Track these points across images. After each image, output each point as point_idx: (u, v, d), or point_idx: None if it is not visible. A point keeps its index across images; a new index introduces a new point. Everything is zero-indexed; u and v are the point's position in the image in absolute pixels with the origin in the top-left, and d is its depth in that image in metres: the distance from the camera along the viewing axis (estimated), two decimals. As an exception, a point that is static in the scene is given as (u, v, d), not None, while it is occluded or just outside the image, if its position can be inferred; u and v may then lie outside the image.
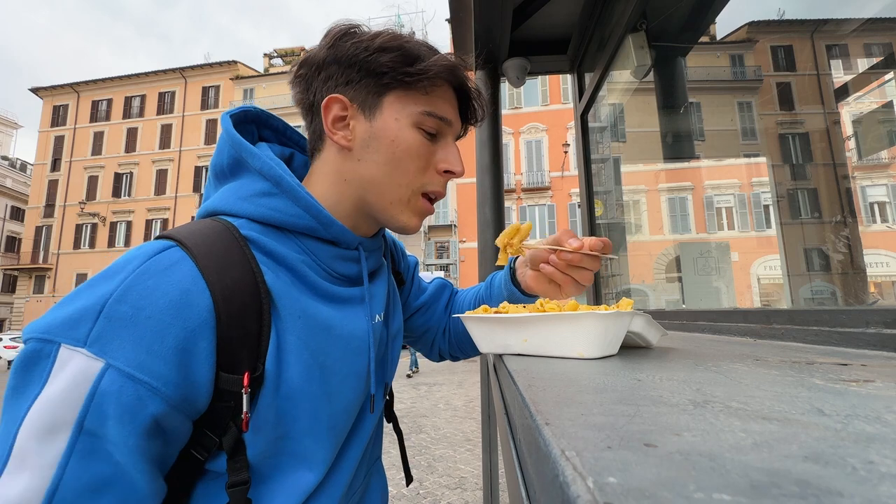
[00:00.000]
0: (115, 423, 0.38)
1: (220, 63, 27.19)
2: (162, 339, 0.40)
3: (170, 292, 0.41)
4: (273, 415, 0.46)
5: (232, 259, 0.45)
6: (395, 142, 0.53)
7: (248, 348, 0.44)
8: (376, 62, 0.52)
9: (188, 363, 0.41)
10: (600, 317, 0.46)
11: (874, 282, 1.61)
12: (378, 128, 0.53)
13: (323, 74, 0.54)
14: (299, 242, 0.52)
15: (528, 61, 2.24)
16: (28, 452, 0.36)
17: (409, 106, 0.54)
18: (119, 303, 0.39)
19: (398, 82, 0.53)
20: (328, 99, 0.53)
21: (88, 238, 26.48)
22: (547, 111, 21.01)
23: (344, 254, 0.56)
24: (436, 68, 0.53)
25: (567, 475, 0.16)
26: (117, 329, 0.38)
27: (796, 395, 0.28)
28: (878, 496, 0.13)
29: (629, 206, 3.27)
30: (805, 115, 1.84)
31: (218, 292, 0.43)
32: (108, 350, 0.38)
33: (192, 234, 0.46)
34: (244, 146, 0.53)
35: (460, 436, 5.04)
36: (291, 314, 0.48)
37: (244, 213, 0.51)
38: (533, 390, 0.31)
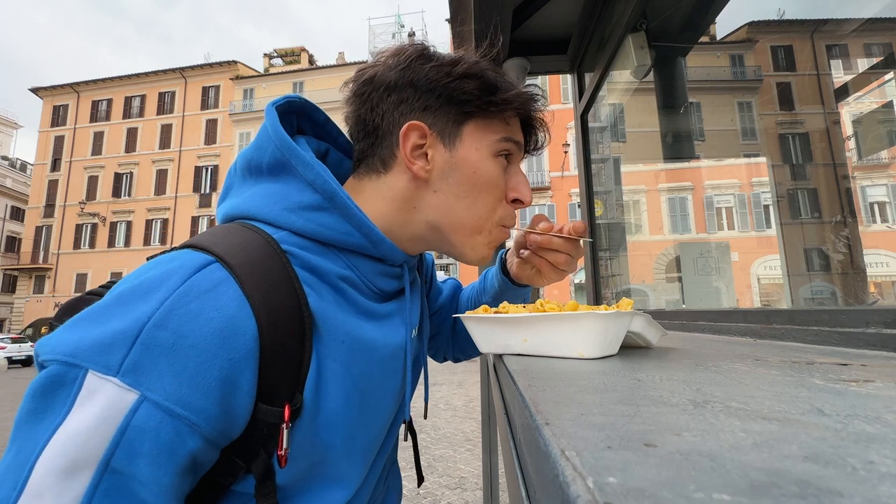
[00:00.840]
0: (147, 462, 0.34)
1: (220, 63, 27.19)
2: (206, 370, 0.36)
3: (214, 319, 0.37)
4: (309, 443, 0.44)
5: (275, 279, 0.42)
6: (477, 173, 0.52)
7: (288, 378, 0.41)
8: (460, 89, 0.50)
9: (230, 396, 0.38)
10: (600, 317, 0.46)
11: (874, 282, 1.61)
12: (459, 158, 0.51)
13: (394, 97, 0.51)
14: (344, 258, 0.49)
15: (528, 61, 2.24)
16: (45, 489, 0.32)
17: (488, 135, 0.52)
18: (158, 328, 0.35)
19: (480, 111, 0.51)
20: (408, 126, 0.50)
21: (88, 238, 26.48)
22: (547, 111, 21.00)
23: (388, 270, 0.54)
24: (520, 100, 0.52)
25: (567, 475, 0.16)
26: (156, 358, 0.35)
27: (796, 395, 0.28)
28: (878, 496, 0.13)
29: (629, 206, 3.27)
30: (805, 115, 1.84)
31: (263, 319, 0.39)
32: (145, 381, 0.34)
33: (233, 248, 0.42)
34: (294, 151, 0.48)
35: (460, 436, 5.04)
36: (335, 339, 0.45)
37: (288, 226, 0.47)
38: (533, 390, 0.31)
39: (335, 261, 0.48)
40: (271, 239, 0.45)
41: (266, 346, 0.39)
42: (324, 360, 0.44)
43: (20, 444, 0.34)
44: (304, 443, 0.43)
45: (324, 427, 0.44)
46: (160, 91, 27.81)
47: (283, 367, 0.41)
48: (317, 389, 0.44)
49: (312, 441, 0.44)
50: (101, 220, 26.33)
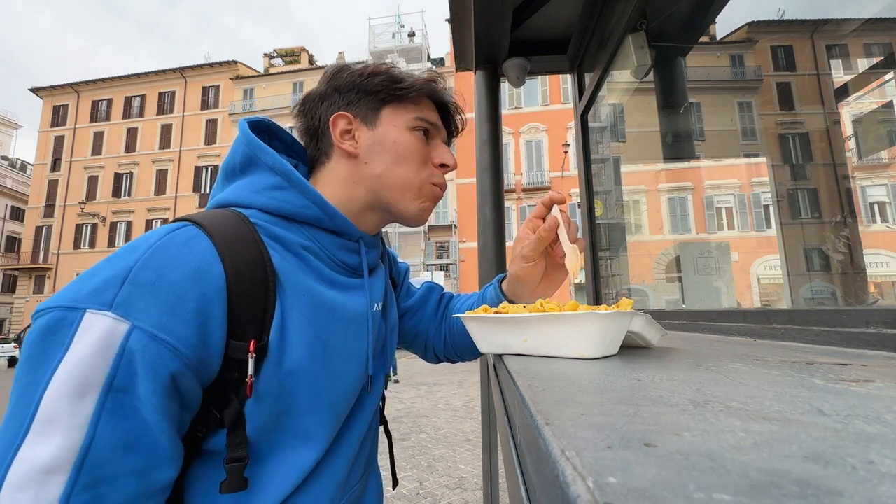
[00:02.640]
0: (142, 381, 0.40)
1: (220, 63, 27.18)
2: (183, 302, 0.43)
3: (189, 261, 0.45)
4: (275, 387, 0.49)
5: (242, 240, 0.50)
6: (397, 142, 0.62)
7: (255, 321, 0.48)
8: (371, 83, 0.62)
9: (205, 326, 0.44)
10: (600, 317, 0.46)
11: (874, 282, 1.61)
12: (380, 134, 0.62)
13: (325, 102, 0.63)
14: (305, 231, 0.57)
15: (528, 61, 2.24)
16: (57, 414, 0.37)
17: (402, 114, 0.63)
18: (143, 269, 0.42)
19: (392, 96, 0.62)
20: (335, 116, 0.62)
21: (88, 238, 26.48)
22: (547, 111, 21.01)
23: (346, 244, 0.62)
24: (420, 83, 0.63)
25: (567, 475, 0.16)
26: (142, 293, 0.41)
27: (796, 395, 0.28)
28: (878, 496, 0.13)
29: (629, 206, 3.27)
30: (805, 115, 1.84)
31: (230, 267, 0.47)
32: (133, 312, 0.41)
33: (207, 217, 0.51)
34: (260, 146, 0.58)
35: (460, 436, 5.04)
36: (296, 292, 0.52)
37: (255, 205, 0.55)
38: (533, 390, 0.31)
39: (297, 233, 0.56)
40: (242, 214, 0.53)
41: (232, 289, 0.46)
42: (287, 311, 0.51)
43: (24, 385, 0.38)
44: (270, 385, 0.49)
45: (288, 374, 0.50)
46: (160, 91, 27.80)
47: (248, 310, 0.47)
48: (281, 335, 0.50)
49: (278, 385, 0.49)
50: (101, 220, 26.32)
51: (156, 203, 26.22)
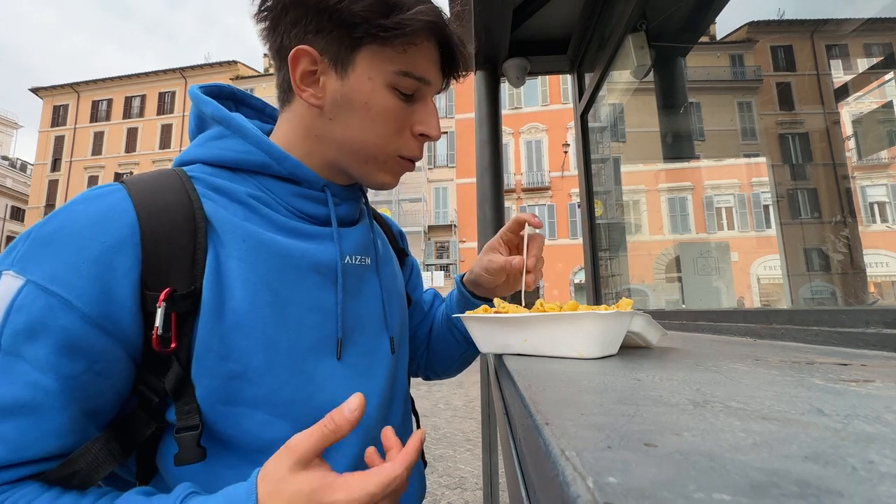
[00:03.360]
0: (27, 338, 0.37)
1: (221, 63, 27.19)
2: (78, 253, 0.40)
3: (92, 213, 0.42)
4: (217, 343, 0.43)
5: (166, 188, 0.46)
6: (369, 104, 0.50)
7: (179, 268, 0.43)
8: (348, 10, 0.47)
9: (106, 277, 0.40)
10: (600, 317, 0.46)
11: (874, 282, 1.61)
12: (350, 88, 0.50)
13: (290, 15, 0.49)
14: (255, 181, 0.52)
15: (528, 61, 2.24)
16: None
17: (384, 63, 0.49)
18: (45, 225, 0.41)
19: (373, 36, 0.48)
20: (296, 51, 0.49)
21: (88, 238, 26.49)
22: (547, 111, 21.01)
23: (307, 193, 0.54)
24: (415, 24, 0.47)
25: (567, 475, 0.16)
26: (39, 247, 0.40)
27: (796, 395, 0.28)
28: (878, 496, 0.13)
29: (629, 206, 3.27)
30: (805, 115, 1.84)
31: (143, 211, 0.43)
32: (29, 267, 0.39)
33: (136, 176, 0.47)
34: (204, 100, 0.53)
35: (460, 436, 5.04)
36: (234, 238, 0.46)
37: (197, 158, 0.51)
38: (533, 390, 0.31)
39: (245, 183, 0.51)
40: (179, 170, 0.49)
41: (146, 233, 0.42)
42: (225, 259, 0.45)
43: None
44: (211, 341, 0.43)
45: (234, 329, 0.44)
46: (160, 91, 27.81)
47: (169, 257, 0.43)
48: (217, 284, 0.44)
49: (221, 341, 0.44)
50: (101, 220, 26.34)
51: (156, 203, 26.23)
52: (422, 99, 0.54)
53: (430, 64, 0.52)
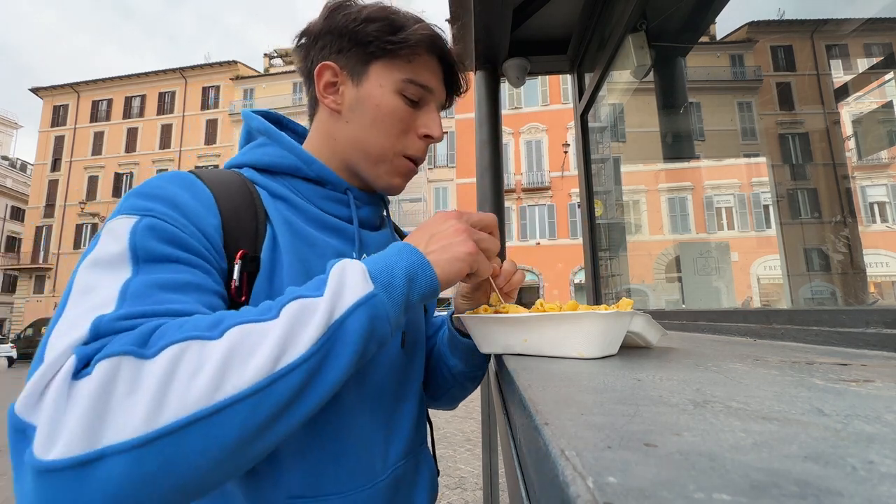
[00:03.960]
0: (166, 244, 0.42)
1: (221, 63, 27.19)
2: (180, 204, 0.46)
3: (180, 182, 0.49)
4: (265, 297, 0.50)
5: (231, 180, 0.54)
6: (379, 106, 0.58)
7: (247, 237, 0.51)
8: (363, 32, 0.57)
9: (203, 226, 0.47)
10: (600, 317, 0.46)
11: (874, 282, 1.61)
12: (364, 93, 0.58)
13: (319, 44, 0.60)
14: (287, 182, 0.59)
15: (528, 61, 2.24)
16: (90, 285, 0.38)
17: (392, 73, 0.58)
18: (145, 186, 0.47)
19: (383, 51, 0.57)
20: (320, 66, 0.59)
21: (88, 238, 26.46)
22: (547, 111, 21.01)
23: (332, 195, 0.61)
24: (416, 37, 0.57)
25: (567, 475, 0.16)
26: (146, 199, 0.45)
27: (796, 395, 0.28)
28: (878, 496, 0.13)
29: (629, 206, 3.27)
30: (805, 115, 1.84)
31: (217, 193, 0.51)
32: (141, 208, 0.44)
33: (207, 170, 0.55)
34: (250, 116, 0.63)
35: (460, 436, 5.04)
36: (280, 223, 0.54)
37: (245, 162, 0.60)
38: (533, 390, 0.31)
39: (282, 184, 0.59)
40: (237, 172, 0.57)
41: (221, 207, 0.50)
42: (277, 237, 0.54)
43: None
44: (262, 295, 0.50)
45: (277, 290, 0.51)
46: (160, 91, 27.80)
47: (240, 228, 0.51)
48: (272, 253, 0.53)
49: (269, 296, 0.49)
50: (101, 220, 26.30)
51: (156, 203, 26.20)
52: (426, 106, 0.61)
53: (433, 75, 0.61)
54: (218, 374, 0.32)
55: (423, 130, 0.61)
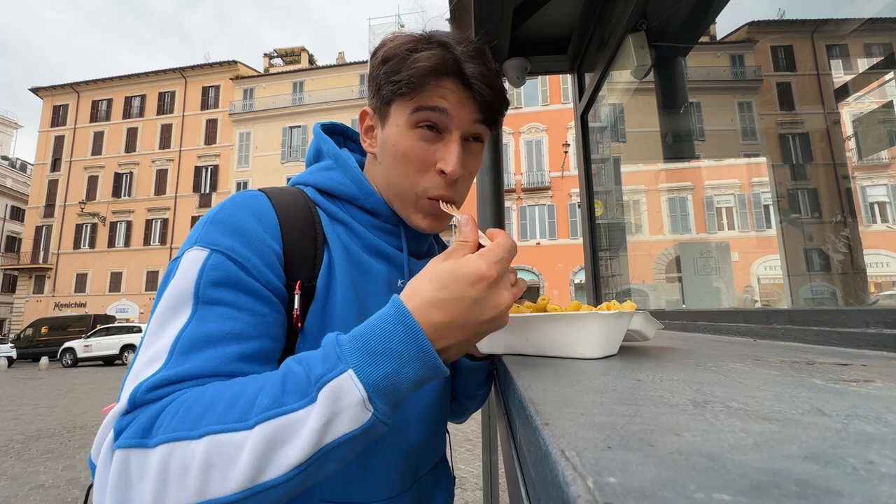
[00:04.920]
0: (224, 287, 0.47)
1: (221, 63, 27.18)
2: (248, 235, 0.50)
3: (252, 208, 0.53)
4: (317, 327, 0.53)
5: (296, 205, 0.57)
6: (396, 145, 0.57)
7: (305, 265, 0.54)
8: (379, 75, 0.58)
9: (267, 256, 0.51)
10: (603, 317, 0.46)
11: (874, 282, 1.61)
12: (386, 134, 0.59)
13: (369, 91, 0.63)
14: (345, 208, 0.62)
15: (528, 61, 2.24)
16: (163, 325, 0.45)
17: (404, 109, 0.56)
18: (218, 213, 0.52)
19: (393, 91, 0.56)
20: (361, 112, 0.64)
21: (88, 238, 26.47)
22: (547, 111, 21.01)
23: (384, 226, 0.63)
24: (413, 69, 0.54)
25: (567, 475, 0.16)
26: (217, 229, 0.50)
27: (796, 395, 0.28)
28: (878, 496, 0.13)
29: (629, 206, 3.26)
30: (805, 115, 1.84)
31: (283, 218, 0.54)
32: (212, 242, 0.49)
33: (273, 188, 0.59)
34: (323, 137, 0.67)
35: (460, 436, 5.04)
36: (338, 248, 0.57)
37: (311, 183, 0.63)
38: (533, 390, 0.31)
39: (341, 208, 0.62)
40: (302, 191, 0.61)
41: (285, 234, 0.53)
42: (333, 263, 0.56)
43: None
44: (314, 324, 0.53)
45: (329, 317, 0.54)
46: (160, 91, 27.79)
47: (299, 255, 0.54)
48: (328, 281, 0.55)
49: (319, 326, 0.54)
50: (101, 220, 26.32)
51: (156, 203, 26.22)
52: (447, 135, 0.57)
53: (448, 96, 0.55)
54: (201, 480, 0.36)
55: (440, 165, 0.57)
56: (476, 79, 0.55)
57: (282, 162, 24.53)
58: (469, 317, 0.40)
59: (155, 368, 0.42)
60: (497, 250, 0.42)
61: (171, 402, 0.40)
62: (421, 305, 0.40)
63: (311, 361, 0.40)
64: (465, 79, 0.55)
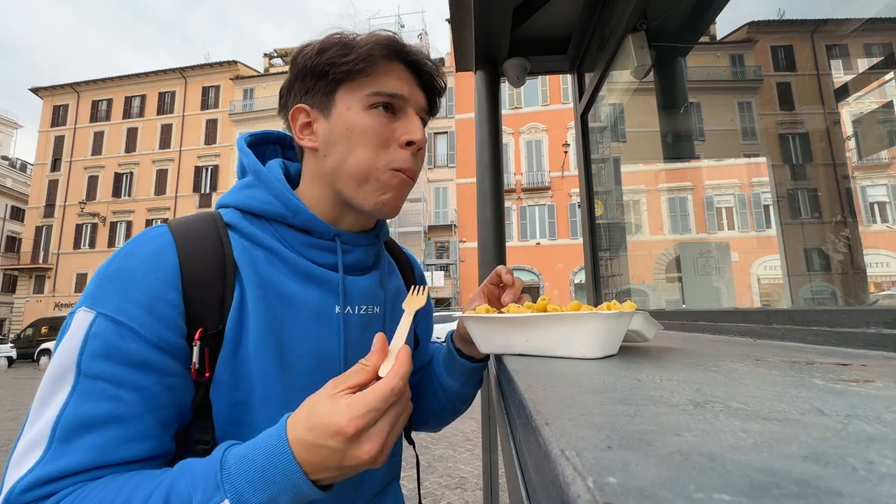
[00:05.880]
0: (104, 360, 0.44)
1: (220, 63, 27.18)
2: (138, 288, 0.47)
3: (145, 254, 0.50)
4: (229, 375, 0.51)
5: (203, 236, 0.53)
6: (350, 128, 0.57)
7: (212, 308, 0.51)
8: (320, 63, 0.57)
9: (158, 309, 0.48)
10: (603, 317, 0.46)
11: (874, 282, 1.61)
12: (334, 122, 0.57)
13: (291, 94, 0.61)
14: (272, 229, 0.58)
15: (528, 61, 2.24)
16: (44, 399, 0.44)
17: (356, 93, 0.57)
18: (110, 264, 0.49)
19: (343, 74, 0.56)
20: (293, 110, 0.60)
21: (88, 238, 26.46)
22: (547, 111, 21.01)
23: (318, 243, 0.59)
24: (367, 47, 0.55)
25: (567, 475, 0.16)
26: (106, 285, 0.48)
27: (796, 395, 0.28)
28: (878, 496, 0.13)
29: (629, 206, 3.27)
30: (805, 115, 1.84)
31: (183, 256, 0.50)
32: (98, 303, 0.46)
33: (180, 219, 0.55)
34: (244, 151, 0.62)
35: (460, 436, 5.04)
36: (252, 282, 0.53)
37: (231, 203, 0.59)
38: (533, 390, 0.31)
39: (266, 231, 0.57)
40: (216, 214, 0.57)
41: (186, 276, 0.50)
42: (246, 300, 0.52)
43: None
44: (225, 372, 0.51)
45: (243, 363, 0.51)
46: (160, 91, 27.78)
47: (204, 296, 0.50)
48: (239, 323, 0.52)
49: (232, 373, 0.51)
50: (101, 220, 26.31)
51: (156, 203, 26.21)
52: (404, 114, 0.59)
53: (401, 81, 0.59)
54: None
55: (405, 137, 0.58)
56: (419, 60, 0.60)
57: (282, 162, 24.46)
58: (331, 461, 0.41)
59: (34, 458, 0.41)
60: (367, 400, 0.41)
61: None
62: (294, 441, 0.41)
63: (195, 481, 0.40)
64: (413, 64, 0.59)
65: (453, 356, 0.71)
